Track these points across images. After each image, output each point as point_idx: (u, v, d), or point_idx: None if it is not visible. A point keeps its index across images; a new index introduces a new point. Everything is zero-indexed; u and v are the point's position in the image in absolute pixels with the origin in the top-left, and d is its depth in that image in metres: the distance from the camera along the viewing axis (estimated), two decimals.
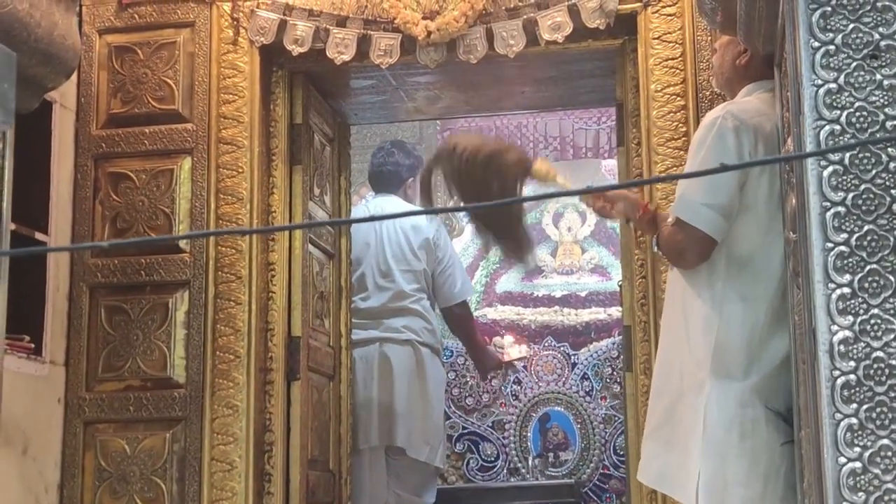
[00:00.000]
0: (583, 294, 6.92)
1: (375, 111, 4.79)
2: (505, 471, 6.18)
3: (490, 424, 6.24)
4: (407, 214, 3.62)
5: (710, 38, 3.68)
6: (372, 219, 4.45)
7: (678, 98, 3.73)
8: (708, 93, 3.68)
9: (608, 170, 6.94)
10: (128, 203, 3.96)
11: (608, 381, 6.20)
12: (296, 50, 3.96)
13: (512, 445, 6.22)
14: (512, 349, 6.22)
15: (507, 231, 3.14)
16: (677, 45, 3.75)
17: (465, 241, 7.47)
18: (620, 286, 3.98)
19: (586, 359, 6.32)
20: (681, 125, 3.69)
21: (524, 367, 6.21)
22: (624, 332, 3.90)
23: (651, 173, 3.67)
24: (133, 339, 3.88)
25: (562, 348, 6.37)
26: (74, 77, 3.94)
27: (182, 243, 3.90)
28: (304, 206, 4.16)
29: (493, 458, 6.21)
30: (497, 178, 3.02)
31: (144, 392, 3.84)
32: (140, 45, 4.04)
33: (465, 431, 6.21)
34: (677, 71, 3.74)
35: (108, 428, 3.85)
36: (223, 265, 3.87)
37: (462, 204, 3.24)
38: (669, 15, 3.78)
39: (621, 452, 5.75)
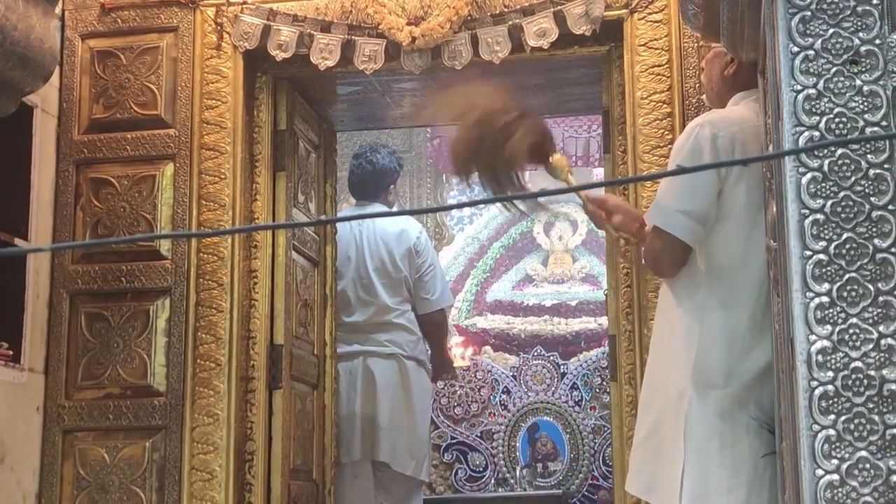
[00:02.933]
0: (573, 303, 6.90)
1: (362, 118, 4.75)
2: (493, 481, 6.15)
3: (479, 434, 6.20)
4: (394, 214, 3.57)
5: (696, 45, 3.66)
6: (358, 216, 4.40)
7: (664, 105, 3.70)
8: (694, 100, 3.65)
9: (598, 179, 6.91)
10: (109, 209, 3.92)
11: (597, 391, 6.17)
12: (280, 55, 3.93)
13: (500, 455, 6.18)
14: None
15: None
16: (664, 52, 3.72)
17: (455, 250, 7.45)
18: (606, 295, 3.95)
19: (576, 368, 6.29)
20: (667, 132, 3.65)
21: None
22: (609, 341, 3.87)
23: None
24: (113, 346, 3.83)
25: (551, 358, 6.35)
26: (56, 82, 3.91)
27: (163, 251, 3.87)
28: (288, 213, 4.12)
29: (481, 469, 6.17)
30: (510, 152, 2.85)
31: (124, 400, 3.80)
32: (123, 50, 4.01)
33: (454, 441, 6.18)
34: (663, 78, 3.71)
35: (87, 436, 3.81)
36: (205, 272, 3.83)
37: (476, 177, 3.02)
38: (656, 22, 3.75)
39: (610, 463, 5.71)
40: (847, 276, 1.92)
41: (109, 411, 3.80)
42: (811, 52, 2.00)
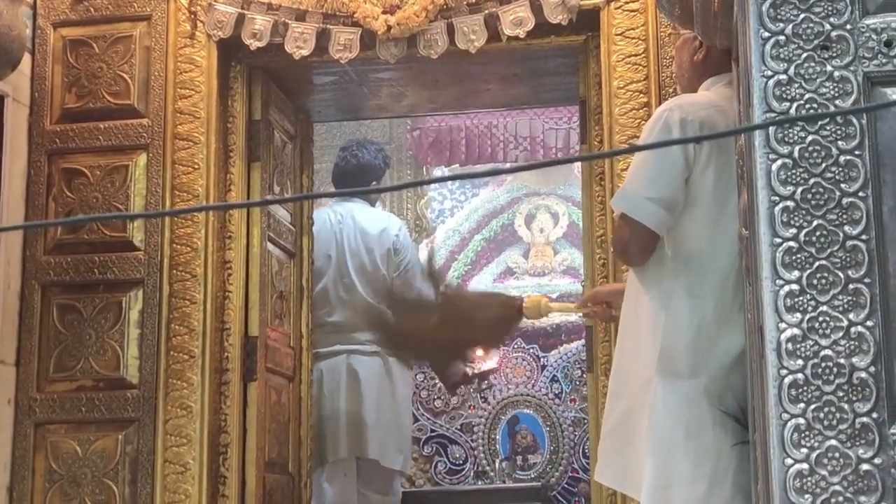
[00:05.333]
0: (554, 296, 6.86)
1: (339, 108, 4.72)
2: (473, 474, 6.13)
3: (458, 427, 6.18)
4: (357, 192, 3.54)
5: (673, 34, 3.64)
6: (338, 193, 4.34)
7: (641, 95, 3.68)
8: (671, 90, 3.63)
9: (579, 170, 6.89)
10: (81, 199, 3.88)
11: (578, 383, 6.15)
12: (254, 44, 3.89)
13: (480, 448, 6.16)
14: (483, 362, 6.08)
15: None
16: (640, 42, 3.70)
17: (436, 243, 7.41)
18: (583, 285, 3.93)
19: (556, 361, 6.27)
20: (643, 122, 3.61)
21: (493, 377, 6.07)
22: (586, 332, 3.85)
23: (613, 171, 3.62)
24: (85, 338, 3.80)
25: (531, 350, 6.32)
26: (28, 71, 3.86)
27: (136, 241, 3.83)
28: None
29: (461, 461, 6.15)
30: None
31: (97, 392, 3.77)
32: (95, 39, 3.97)
33: (434, 434, 6.15)
34: (640, 67, 3.69)
35: (59, 429, 3.78)
36: (178, 263, 3.79)
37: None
38: (632, 11, 3.73)
39: (590, 455, 5.70)
40: (817, 263, 1.90)
41: (82, 404, 3.77)
42: (782, 38, 1.98)
